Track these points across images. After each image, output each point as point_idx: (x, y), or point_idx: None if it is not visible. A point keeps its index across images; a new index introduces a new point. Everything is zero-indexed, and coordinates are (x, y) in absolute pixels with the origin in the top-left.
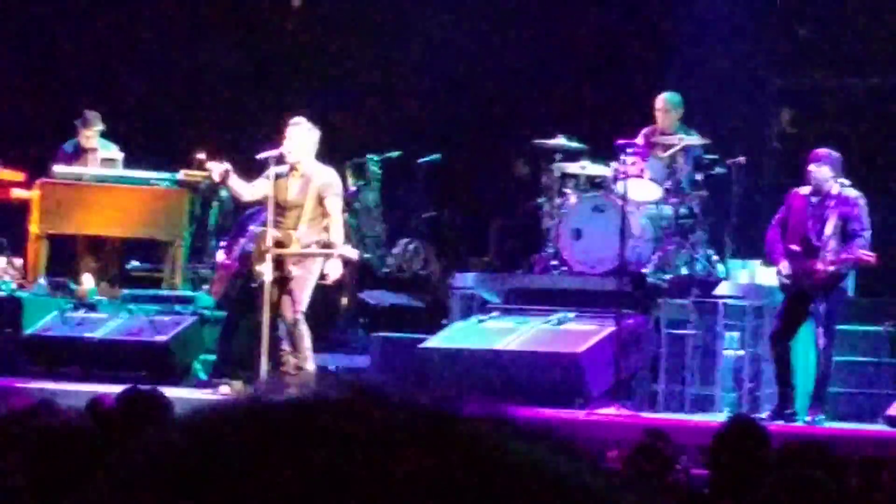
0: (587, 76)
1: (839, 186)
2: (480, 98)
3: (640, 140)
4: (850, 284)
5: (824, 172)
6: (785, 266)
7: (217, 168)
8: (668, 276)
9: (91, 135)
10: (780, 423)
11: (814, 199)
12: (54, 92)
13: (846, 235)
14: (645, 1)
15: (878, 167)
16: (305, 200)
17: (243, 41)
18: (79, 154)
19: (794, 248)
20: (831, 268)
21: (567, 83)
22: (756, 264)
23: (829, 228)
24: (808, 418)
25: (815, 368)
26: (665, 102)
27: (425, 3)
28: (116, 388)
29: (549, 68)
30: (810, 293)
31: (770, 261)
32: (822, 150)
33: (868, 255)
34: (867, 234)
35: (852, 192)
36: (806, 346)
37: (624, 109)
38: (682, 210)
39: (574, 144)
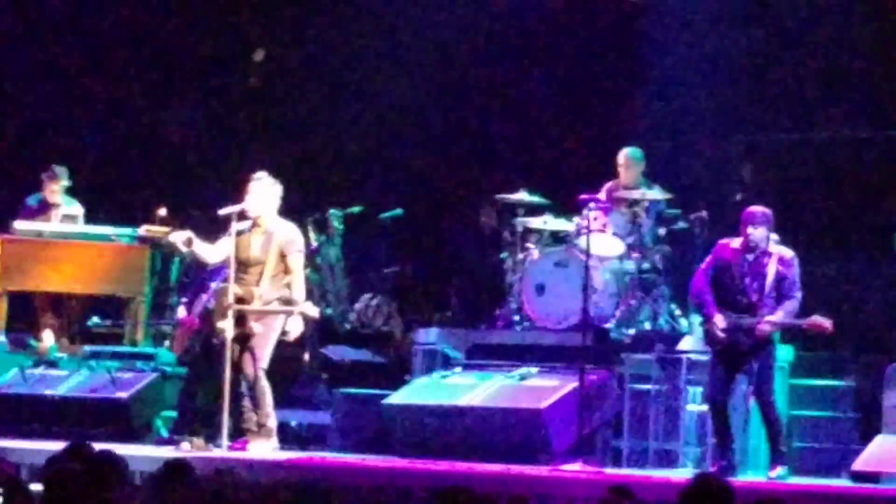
0: (550, 131)
1: (773, 244)
2: (442, 153)
3: (602, 195)
4: (777, 339)
5: (761, 233)
6: (720, 319)
7: (180, 237)
8: (631, 331)
9: (57, 189)
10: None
11: (749, 256)
12: (13, 149)
13: (780, 294)
14: (608, 56)
15: (839, 220)
16: (268, 257)
17: (205, 96)
18: (43, 209)
19: (724, 301)
20: (774, 329)
21: (530, 138)
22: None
23: (768, 287)
24: (770, 474)
25: (766, 425)
26: (627, 158)
27: (388, 58)
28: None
29: (511, 123)
30: (743, 349)
31: (701, 311)
32: (758, 210)
33: (826, 323)
34: (800, 294)
35: (787, 252)
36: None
37: (586, 164)
38: (645, 265)
39: (536, 199)
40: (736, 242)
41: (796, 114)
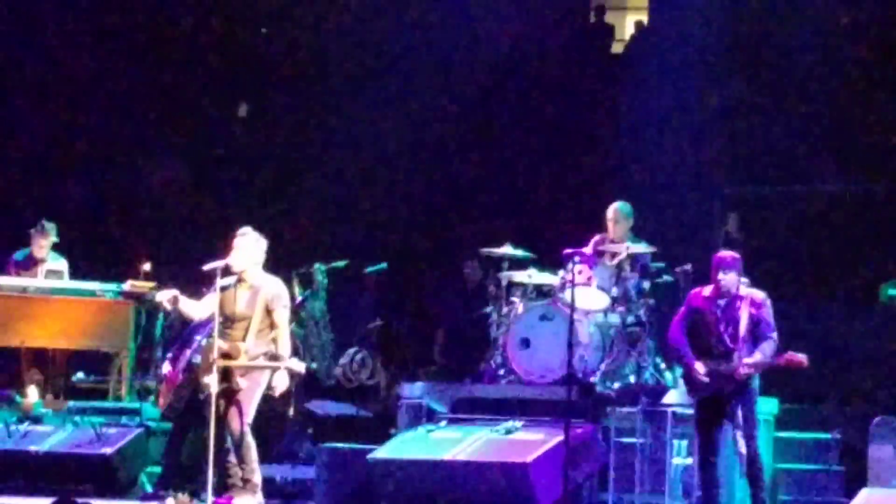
0: (534, 185)
1: (744, 287)
2: (427, 207)
3: (589, 248)
4: (756, 384)
5: (732, 278)
6: (701, 366)
7: (165, 296)
8: (616, 385)
9: (45, 244)
10: None
11: (721, 302)
12: None
13: (756, 337)
14: (591, 111)
15: (822, 273)
16: (254, 312)
17: (188, 150)
18: (29, 264)
19: (701, 350)
20: (752, 370)
21: (514, 192)
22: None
23: (742, 330)
24: None
25: (748, 473)
26: (616, 212)
27: (370, 111)
28: None
29: (495, 178)
30: (726, 397)
31: (680, 362)
32: (727, 255)
33: (800, 357)
34: (775, 335)
35: (758, 294)
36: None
37: (571, 218)
38: (630, 318)
39: (521, 253)
40: (707, 290)
41: (780, 167)
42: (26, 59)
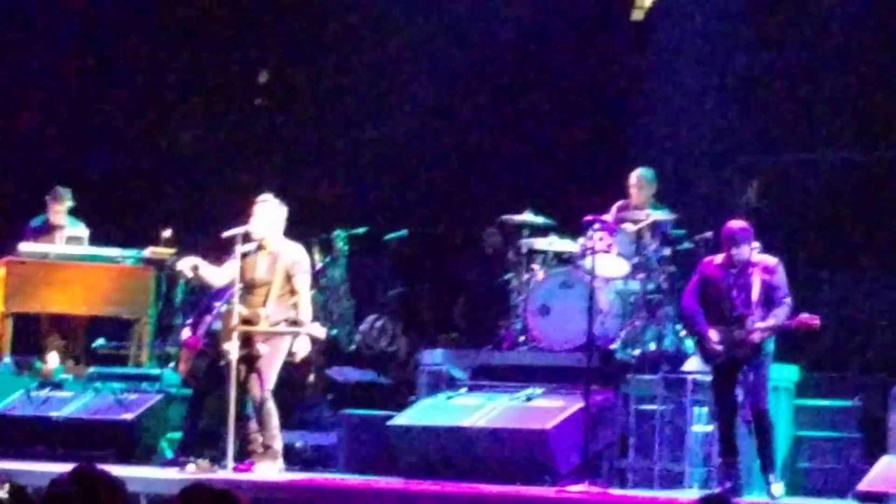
0: (554, 152)
1: (755, 254)
2: (448, 174)
3: (611, 215)
4: (771, 350)
5: (745, 251)
6: (714, 333)
7: (187, 265)
8: (636, 352)
9: (61, 210)
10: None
11: (733, 270)
12: (19, 169)
13: (769, 302)
14: (613, 78)
15: (843, 241)
16: (274, 278)
17: (211, 117)
18: (47, 230)
19: (714, 317)
20: (765, 335)
21: (535, 159)
22: None
23: (755, 296)
24: (773, 492)
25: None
26: (639, 178)
27: (392, 78)
28: None
29: (516, 144)
30: (740, 362)
31: (693, 331)
32: (736, 227)
33: (812, 319)
34: (789, 300)
35: (770, 259)
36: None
37: (592, 185)
38: (650, 285)
39: (541, 220)
40: (719, 258)
41: (800, 134)
42: (48, 25)
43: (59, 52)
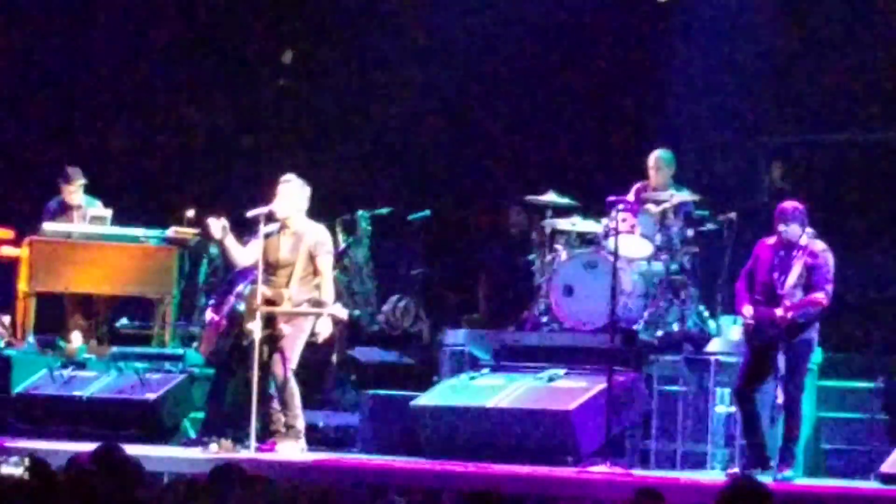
0: (578, 133)
1: (807, 237)
2: (471, 154)
3: (631, 196)
4: (812, 336)
5: (794, 230)
6: (748, 309)
7: (216, 224)
8: (659, 333)
9: (74, 190)
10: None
11: (781, 252)
12: (43, 149)
13: (809, 287)
14: (637, 58)
15: (868, 222)
16: (297, 259)
17: (234, 97)
18: (63, 210)
19: (758, 297)
20: (789, 314)
21: (558, 140)
22: None
23: (793, 278)
24: (778, 475)
25: (783, 424)
26: (658, 160)
27: (414, 59)
28: None
29: (540, 125)
30: (775, 343)
31: (736, 309)
32: (788, 206)
33: (818, 298)
34: (829, 287)
35: (819, 245)
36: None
37: (615, 166)
38: (674, 266)
39: (565, 201)
40: (772, 239)
41: (825, 115)
42: (73, 5)
43: (84, 33)
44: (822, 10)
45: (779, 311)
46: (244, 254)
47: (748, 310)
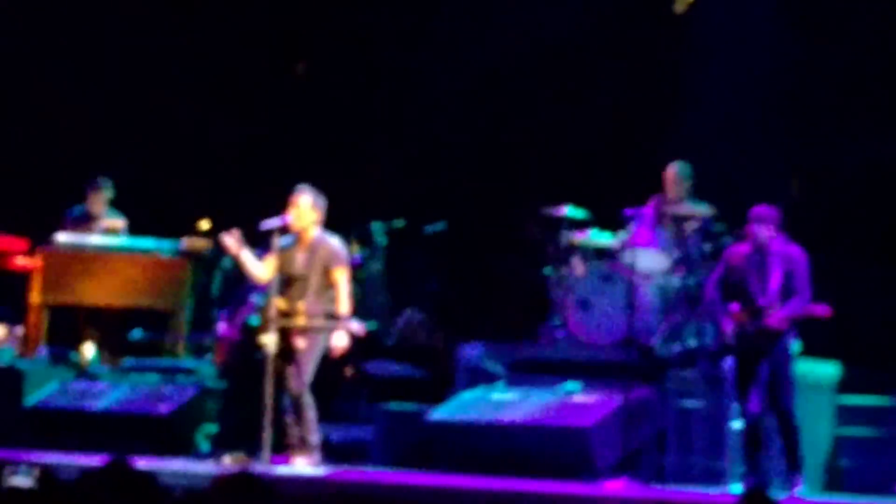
0: (595, 146)
1: (779, 242)
2: (487, 167)
3: (648, 210)
4: (792, 345)
5: (766, 231)
6: (729, 322)
7: (230, 240)
8: (675, 348)
9: (100, 200)
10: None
11: (756, 258)
12: (56, 160)
13: (789, 292)
14: (654, 72)
15: (885, 236)
16: (312, 271)
17: (248, 109)
18: (85, 220)
19: (738, 305)
20: (780, 324)
21: (575, 152)
22: None
23: (774, 285)
24: (794, 491)
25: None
26: (675, 173)
27: (430, 70)
28: None
29: (557, 138)
30: (758, 352)
31: (713, 318)
32: (763, 209)
33: (821, 308)
34: (807, 293)
35: (795, 249)
36: (813, 418)
37: (631, 179)
38: (691, 280)
39: (581, 214)
40: (743, 245)
41: (843, 129)
42: (88, 14)
43: (97, 43)
44: (842, 25)
45: (772, 322)
46: (261, 269)
47: (728, 322)
